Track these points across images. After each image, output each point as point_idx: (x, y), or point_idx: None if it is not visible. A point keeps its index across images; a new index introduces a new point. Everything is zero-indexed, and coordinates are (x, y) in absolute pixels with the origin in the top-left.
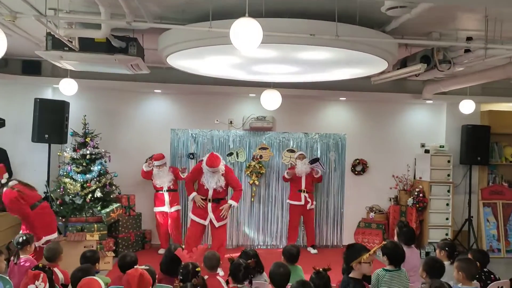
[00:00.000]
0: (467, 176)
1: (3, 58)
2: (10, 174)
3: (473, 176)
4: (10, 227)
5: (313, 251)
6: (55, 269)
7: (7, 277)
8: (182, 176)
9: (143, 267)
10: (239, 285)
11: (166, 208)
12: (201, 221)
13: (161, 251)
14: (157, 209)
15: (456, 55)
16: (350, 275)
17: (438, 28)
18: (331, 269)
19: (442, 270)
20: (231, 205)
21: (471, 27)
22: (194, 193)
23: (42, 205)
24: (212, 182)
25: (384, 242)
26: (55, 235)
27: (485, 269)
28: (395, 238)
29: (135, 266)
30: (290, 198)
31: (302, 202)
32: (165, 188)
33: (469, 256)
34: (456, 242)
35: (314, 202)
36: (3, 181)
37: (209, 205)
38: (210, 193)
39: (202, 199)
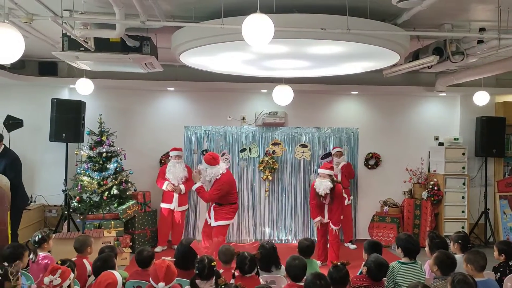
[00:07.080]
0: (482, 169)
1: (20, 60)
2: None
3: (489, 168)
4: (32, 224)
5: (352, 246)
6: (84, 261)
7: (29, 274)
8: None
9: (169, 259)
10: (246, 276)
11: (172, 206)
12: (209, 220)
13: (158, 248)
14: (164, 205)
15: (469, 46)
16: None
17: (450, 20)
18: (350, 263)
19: (453, 265)
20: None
21: (484, 18)
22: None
23: None
24: (208, 176)
25: None
26: None
27: (510, 262)
28: (426, 250)
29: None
30: None
31: None
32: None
33: (495, 248)
34: (472, 235)
35: (351, 197)
36: None
37: (211, 207)
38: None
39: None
